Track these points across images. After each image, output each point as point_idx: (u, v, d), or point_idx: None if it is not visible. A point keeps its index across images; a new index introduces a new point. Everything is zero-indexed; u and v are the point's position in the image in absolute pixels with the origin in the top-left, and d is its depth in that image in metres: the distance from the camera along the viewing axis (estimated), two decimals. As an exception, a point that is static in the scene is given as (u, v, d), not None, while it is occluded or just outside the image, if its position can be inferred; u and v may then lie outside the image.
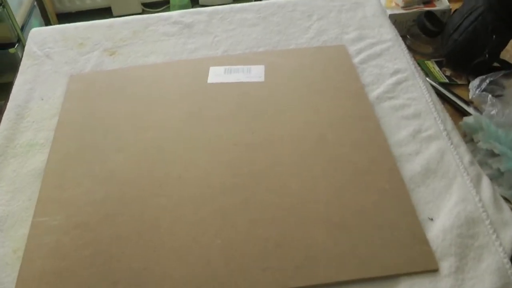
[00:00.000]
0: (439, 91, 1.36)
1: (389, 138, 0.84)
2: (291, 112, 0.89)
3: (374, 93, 0.93)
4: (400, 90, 0.93)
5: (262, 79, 0.95)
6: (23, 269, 0.69)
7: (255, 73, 0.97)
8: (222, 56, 1.03)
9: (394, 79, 0.95)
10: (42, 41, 1.11)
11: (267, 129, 0.86)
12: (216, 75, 0.97)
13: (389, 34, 1.07)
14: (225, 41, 1.07)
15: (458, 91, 1.38)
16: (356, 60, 1.00)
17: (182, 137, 0.86)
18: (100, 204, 0.76)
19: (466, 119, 1.23)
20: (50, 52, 1.08)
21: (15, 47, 1.81)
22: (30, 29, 1.17)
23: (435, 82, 1.40)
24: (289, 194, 0.75)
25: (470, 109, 1.30)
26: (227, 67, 0.98)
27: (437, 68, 1.47)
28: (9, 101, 0.97)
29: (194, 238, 0.70)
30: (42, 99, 0.96)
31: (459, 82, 1.42)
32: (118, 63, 1.04)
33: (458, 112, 1.32)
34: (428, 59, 1.50)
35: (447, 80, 1.43)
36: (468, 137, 1.20)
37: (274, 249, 0.69)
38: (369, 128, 0.85)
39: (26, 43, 1.12)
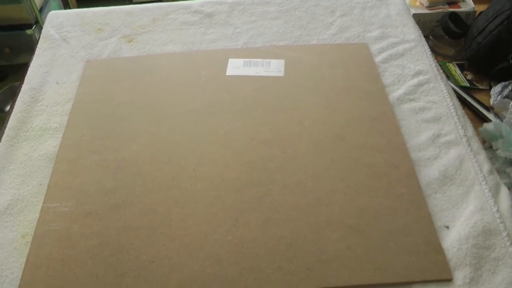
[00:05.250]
0: (459, 94, 1.33)
1: (407, 141, 0.82)
2: (310, 109, 0.87)
3: (394, 94, 0.91)
4: (421, 93, 0.91)
5: (281, 73, 0.94)
6: (31, 255, 0.68)
7: (275, 67, 0.95)
8: (242, 48, 1.01)
9: (415, 80, 0.93)
10: (59, 24, 1.10)
11: (285, 126, 0.84)
12: (235, 67, 0.95)
13: (413, 34, 1.04)
14: (245, 33, 1.05)
15: (478, 96, 1.35)
16: (377, 59, 0.98)
17: (198, 129, 0.84)
18: (111, 193, 0.75)
19: (486, 125, 1.20)
20: (68, 36, 1.07)
21: (33, 28, 1.81)
22: (49, 11, 1.16)
23: (455, 85, 1.37)
24: (304, 194, 0.74)
25: (490, 115, 1.27)
26: (246, 59, 0.97)
27: (458, 71, 1.44)
28: (24, 83, 0.96)
29: (205, 234, 0.69)
30: (57, 83, 0.95)
31: (480, 87, 1.39)
32: (136, 50, 1.03)
33: (477, 118, 1.29)
34: (450, 62, 1.47)
35: (468, 84, 1.40)
36: (487, 144, 1.18)
37: (286, 249, 0.67)
38: (388, 130, 0.83)
39: (44, 26, 1.11)
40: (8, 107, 1.80)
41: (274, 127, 0.84)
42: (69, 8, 2.16)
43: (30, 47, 1.79)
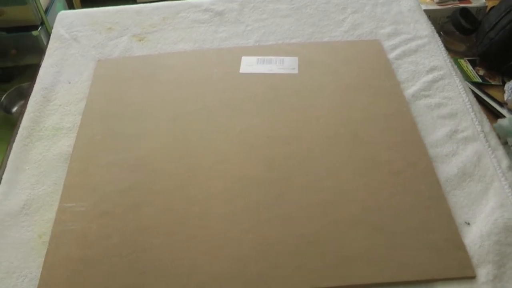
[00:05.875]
0: (472, 90, 1.31)
1: (424, 138, 0.81)
2: (325, 106, 0.87)
3: (409, 90, 0.90)
4: (436, 89, 0.90)
5: (295, 71, 0.93)
6: (49, 254, 0.67)
7: (289, 65, 0.94)
8: (254, 46, 1.01)
9: (430, 76, 0.92)
10: (69, 24, 1.10)
11: (300, 123, 0.84)
12: (248, 65, 0.94)
13: (426, 30, 1.03)
14: (257, 31, 1.05)
15: (491, 91, 1.34)
16: (391, 56, 0.97)
17: (212, 128, 0.84)
18: (127, 192, 0.74)
19: (500, 121, 1.19)
20: (78, 36, 1.06)
21: (39, 29, 1.81)
22: (54, 12, 1.16)
23: (468, 81, 1.36)
24: (323, 192, 0.73)
25: (504, 111, 1.26)
26: (259, 57, 0.96)
27: (470, 67, 1.42)
28: (36, 83, 0.95)
29: (225, 232, 0.69)
30: (69, 83, 0.95)
31: (493, 83, 1.38)
32: (147, 49, 1.02)
33: (491, 114, 1.28)
34: (461, 58, 1.46)
35: (480, 80, 1.38)
36: (502, 140, 1.17)
37: (308, 247, 0.67)
38: (405, 127, 0.82)
39: (54, 26, 1.10)
40: (15, 108, 1.80)
41: (289, 124, 0.83)
42: (74, 9, 2.16)
43: (36, 48, 1.79)
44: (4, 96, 1.79)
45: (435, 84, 0.91)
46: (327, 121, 0.84)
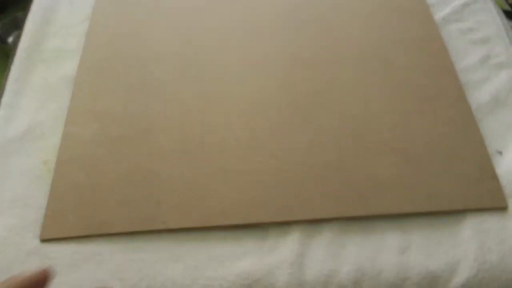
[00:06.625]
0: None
1: (455, 64, 0.76)
2: (351, 29, 0.80)
3: (440, 14, 0.83)
4: (469, 12, 0.84)
5: (320, -12, 0.85)
6: (56, 182, 0.63)
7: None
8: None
9: (462, 0, 0.85)
10: None
11: (326, 46, 0.77)
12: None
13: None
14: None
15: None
16: (419, -23, 0.90)
17: (230, 49, 0.77)
18: (137, 117, 0.69)
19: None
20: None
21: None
22: None
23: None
24: (351, 118, 0.68)
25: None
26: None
27: (500, -5, 1.35)
28: (33, 4, 0.88)
29: (245, 158, 0.64)
30: (71, 3, 0.87)
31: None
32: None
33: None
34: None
35: (510, 8, 1.31)
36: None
37: (334, 174, 0.62)
38: (435, 52, 0.76)
39: None
40: (10, 39, 1.72)
41: (315, 47, 0.77)
42: None
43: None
44: (-2, 25, 1.71)
45: (467, 8, 0.84)
46: (354, 44, 0.78)
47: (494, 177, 0.63)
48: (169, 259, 0.57)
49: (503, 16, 0.84)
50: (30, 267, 0.44)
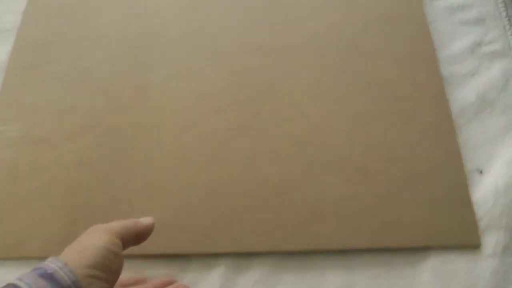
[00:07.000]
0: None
1: (438, 51, 0.63)
2: (317, 7, 0.67)
3: (426, -14, 0.69)
4: (461, -15, 0.69)
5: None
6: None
7: None
8: None
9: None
10: None
11: (284, 29, 0.65)
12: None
13: None
14: None
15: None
16: None
17: (176, 33, 0.66)
18: (66, 114, 0.60)
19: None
20: None
21: None
22: None
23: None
24: (302, 119, 0.57)
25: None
26: None
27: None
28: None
29: (174, 171, 0.55)
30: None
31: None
32: None
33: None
34: None
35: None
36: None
37: (272, 195, 0.53)
38: (415, 35, 0.63)
39: None
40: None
41: (270, 30, 0.65)
42: None
43: None
44: None
45: (460, -22, 0.70)
46: (317, 26, 0.65)
47: (468, 204, 0.52)
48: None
49: (504, -10, 0.69)
50: None
